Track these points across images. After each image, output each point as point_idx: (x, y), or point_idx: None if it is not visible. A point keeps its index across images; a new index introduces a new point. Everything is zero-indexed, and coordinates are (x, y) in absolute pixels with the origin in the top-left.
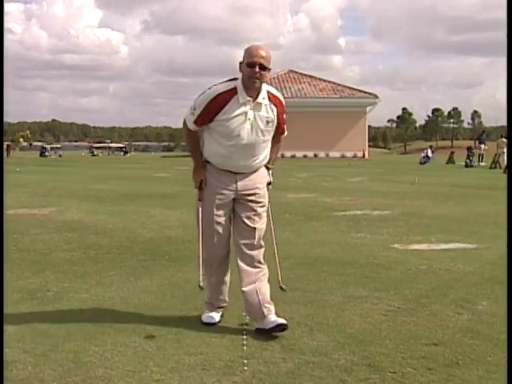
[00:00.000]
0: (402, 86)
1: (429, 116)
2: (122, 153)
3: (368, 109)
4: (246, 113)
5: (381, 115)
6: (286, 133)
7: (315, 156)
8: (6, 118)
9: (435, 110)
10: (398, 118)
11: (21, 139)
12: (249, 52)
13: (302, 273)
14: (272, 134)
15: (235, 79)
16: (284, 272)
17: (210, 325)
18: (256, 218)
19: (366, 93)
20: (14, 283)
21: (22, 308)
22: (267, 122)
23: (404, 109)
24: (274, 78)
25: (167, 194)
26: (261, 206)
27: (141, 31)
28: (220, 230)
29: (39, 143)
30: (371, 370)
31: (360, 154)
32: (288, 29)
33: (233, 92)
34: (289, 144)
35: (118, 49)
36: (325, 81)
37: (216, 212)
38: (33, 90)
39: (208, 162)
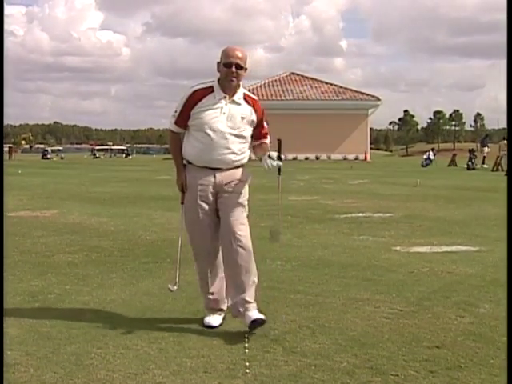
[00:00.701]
0: (404, 89)
1: (431, 118)
2: (124, 155)
3: (370, 111)
4: (221, 107)
5: (383, 117)
6: (268, 139)
7: (317, 158)
8: (8, 121)
9: (437, 113)
10: (400, 120)
11: (23, 141)
12: (225, 53)
13: (304, 275)
14: (249, 132)
15: (212, 81)
16: (286, 274)
17: (212, 328)
18: (235, 213)
19: (367, 95)
20: (16, 285)
21: (23, 310)
22: (242, 118)
23: (406, 111)
24: (275, 80)
25: (169, 196)
26: (240, 201)
27: (142, 33)
28: (205, 224)
29: (41, 145)
30: (373, 373)
31: (362, 156)
32: (290, 31)
33: (209, 90)
34: (291, 146)
35: (120, 51)
36: (327, 83)
37: (199, 205)
38: (35, 93)
39: (189, 162)
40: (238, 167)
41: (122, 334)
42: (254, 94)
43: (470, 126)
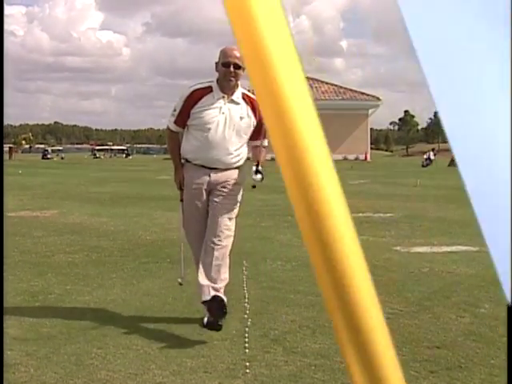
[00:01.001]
0: (404, 89)
1: (431, 118)
2: (124, 155)
3: (370, 111)
4: (220, 107)
5: (383, 118)
6: (267, 141)
7: None
8: (8, 121)
9: (437, 113)
10: (400, 120)
11: (23, 142)
12: (223, 53)
13: (304, 275)
14: (248, 133)
15: (211, 81)
16: (286, 274)
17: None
18: (223, 209)
19: (368, 95)
20: (16, 285)
21: (23, 310)
22: (241, 118)
23: (406, 111)
24: None
25: (169, 196)
26: (231, 202)
27: (142, 33)
28: (201, 221)
29: (41, 146)
30: None
31: (362, 156)
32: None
33: (208, 89)
34: None
35: (120, 51)
36: (327, 83)
37: (195, 203)
38: (35, 93)
39: (187, 160)
40: (234, 168)
41: (122, 334)
42: (253, 94)
43: None
